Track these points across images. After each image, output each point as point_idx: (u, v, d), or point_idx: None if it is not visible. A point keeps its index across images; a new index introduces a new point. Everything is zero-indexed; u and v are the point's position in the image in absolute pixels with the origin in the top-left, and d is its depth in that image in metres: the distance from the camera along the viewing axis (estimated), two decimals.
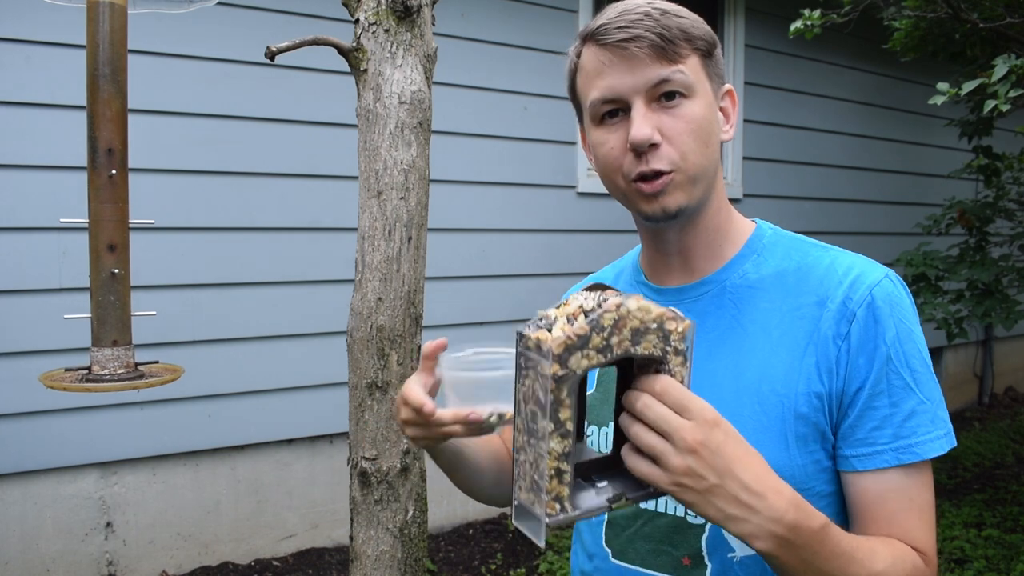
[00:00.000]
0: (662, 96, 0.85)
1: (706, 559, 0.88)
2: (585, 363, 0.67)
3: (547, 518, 0.68)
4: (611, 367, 0.73)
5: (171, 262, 2.97)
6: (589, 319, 0.67)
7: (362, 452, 1.50)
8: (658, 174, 0.85)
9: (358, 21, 1.47)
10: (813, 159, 4.89)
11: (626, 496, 0.72)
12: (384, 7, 1.45)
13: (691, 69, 0.86)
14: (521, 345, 0.70)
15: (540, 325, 0.70)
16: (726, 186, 4.51)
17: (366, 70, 1.47)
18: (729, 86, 0.94)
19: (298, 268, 3.23)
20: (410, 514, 1.52)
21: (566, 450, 0.68)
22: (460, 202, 3.57)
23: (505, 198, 3.73)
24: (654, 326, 0.69)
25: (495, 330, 3.54)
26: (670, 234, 0.93)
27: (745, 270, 0.93)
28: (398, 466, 1.50)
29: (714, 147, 0.88)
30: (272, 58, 1.41)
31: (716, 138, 0.89)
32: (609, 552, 0.98)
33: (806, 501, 0.74)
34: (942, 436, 0.84)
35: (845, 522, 0.87)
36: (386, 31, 1.46)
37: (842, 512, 0.87)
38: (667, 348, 0.70)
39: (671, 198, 0.86)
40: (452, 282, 3.50)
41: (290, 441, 3.28)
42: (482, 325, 3.63)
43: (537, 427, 0.69)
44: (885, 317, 0.83)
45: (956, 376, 5.84)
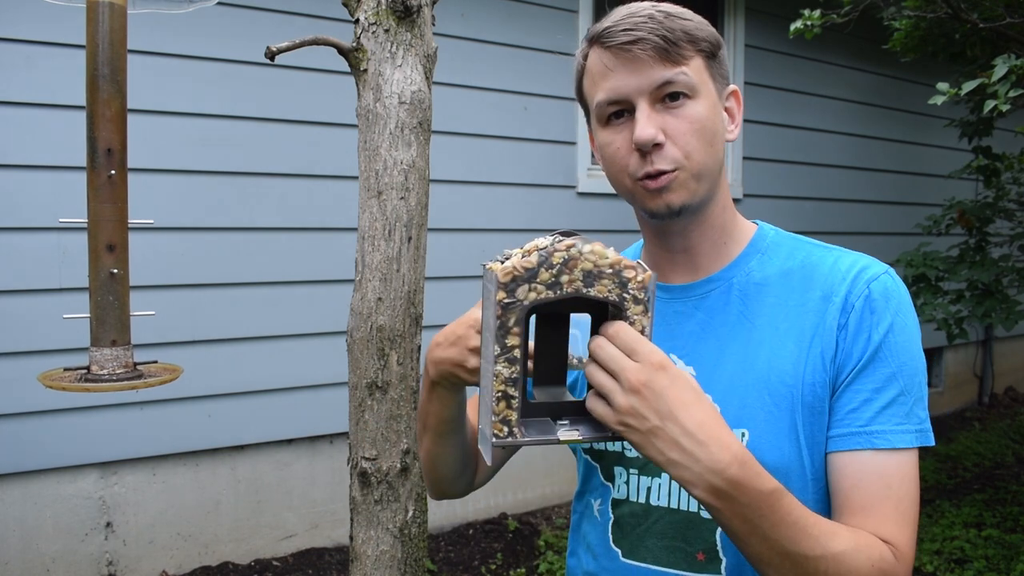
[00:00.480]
0: (666, 97, 0.86)
1: (720, 553, 0.89)
2: (533, 295, 0.72)
3: (494, 438, 0.74)
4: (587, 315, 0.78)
5: (171, 262, 2.97)
6: (539, 254, 0.71)
7: (362, 452, 1.50)
8: (661, 173, 0.87)
9: (358, 21, 1.47)
10: (813, 159, 4.89)
11: (582, 435, 0.76)
12: (384, 7, 1.45)
13: (694, 70, 0.87)
14: (483, 277, 0.76)
15: (499, 259, 0.74)
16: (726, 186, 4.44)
17: (366, 70, 1.47)
18: (734, 87, 0.95)
19: (298, 268, 3.22)
20: (410, 514, 1.52)
21: (513, 375, 0.73)
22: (460, 202, 3.56)
23: (505, 198, 3.73)
24: (609, 271, 0.73)
25: None
26: (675, 232, 0.94)
27: (750, 268, 0.94)
28: (398, 466, 1.50)
29: (718, 147, 0.90)
30: (272, 58, 1.41)
31: (720, 138, 0.90)
32: (619, 552, 0.98)
33: (757, 463, 0.74)
34: (913, 432, 0.84)
35: None
36: (386, 31, 1.46)
37: None
38: (624, 295, 0.74)
39: (675, 195, 0.88)
40: (452, 282, 3.50)
41: (290, 441, 3.28)
42: None
43: (488, 352, 0.74)
44: (881, 309, 0.86)
45: (956, 376, 5.84)
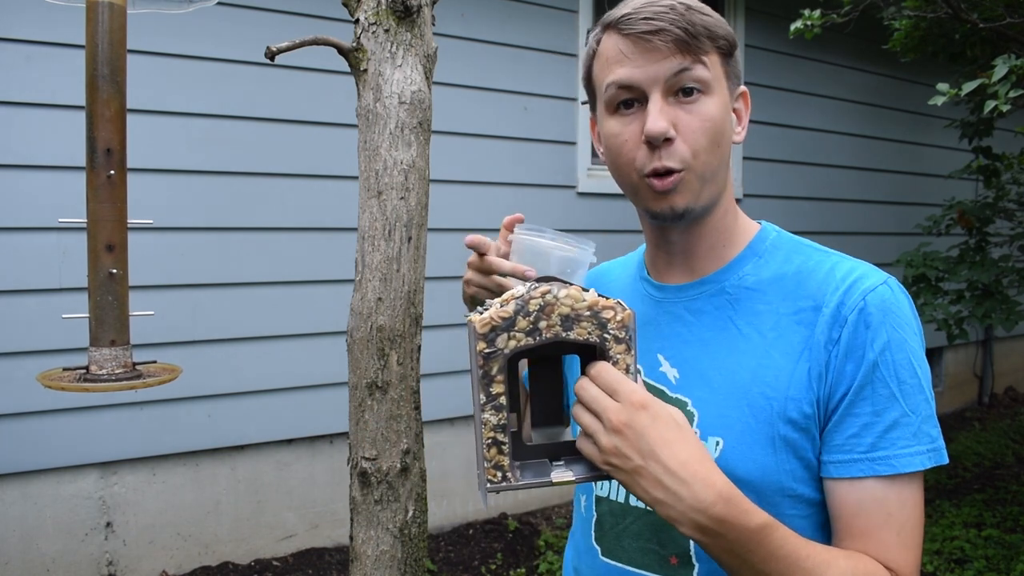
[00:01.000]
0: (680, 91, 0.84)
1: (694, 559, 0.88)
2: (512, 343, 0.73)
3: (488, 484, 0.75)
4: (574, 356, 0.80)
5: (170, 262, 2.96)
6: (516, 303, 0.73)
7: (362, 452, 1.50)
8: (669, 172, 0.85)
9: (358, 21, 1.47)
10: (813, 159, 4.88)
11: (575, 475, 0.77)
12: (384, 7, 1.45)
13: (711, 65, 0.85)
14: (467, 329, 0.77)
15: (480, 310, 0.76)
16: None
17: (366, 70, 1.47)
18: (744, 88, 0.94)
19: (298, 268, 3.22)
20: (410, 514, 1.52)
21: (501, 422, 0.74)
22: (460, 202, 3.56)
23: (505, 198, 3.72)
24: (587, 313, 0.74)
25: None
26: (674, 233, 0.93)
27: (744, 272, 0.92)
28: (398, 466, 1.50)
29: (725, 148, 0.88)
30: (272, 58, 1.41)
31: (728, 139, 0.88)
32: (599, 550, 0.98)
33: (745, 499, 0.73)
34: (924, 452, 0.80)
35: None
36: (386, 31, 1.46)
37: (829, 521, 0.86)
38: (605, 335, 0.75)
39: (680, 197, 0.86)
40: (452, 282, 3.49)
41: (290, 441, 3.28)
42: None
43: (476, 401, 0.75)
44: (877, 323, 0.81)
45: (956, 376, 5.84)
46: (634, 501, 0.93)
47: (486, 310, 0.74)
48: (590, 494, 1.00)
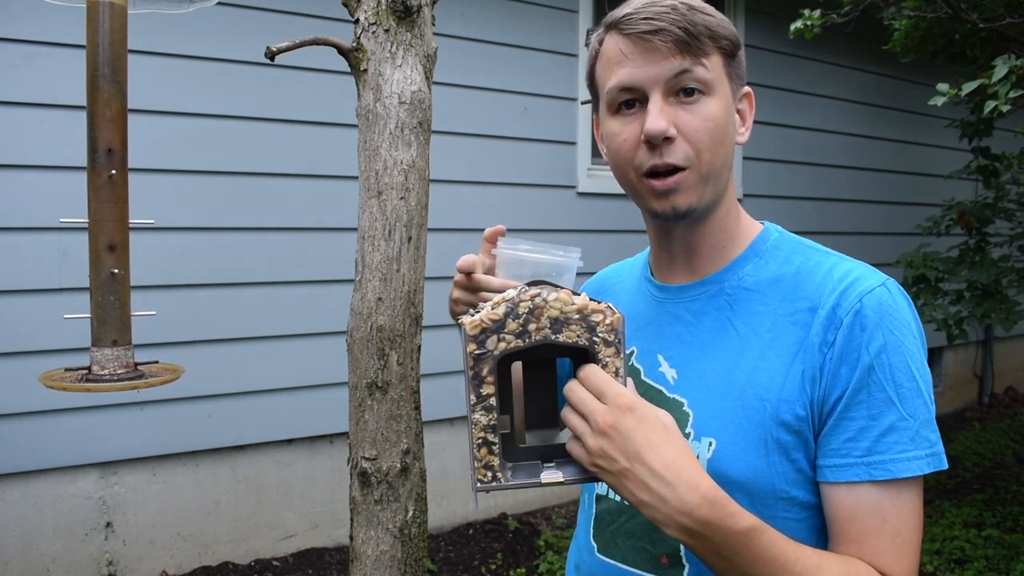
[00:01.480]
0: (681, 91, 0.84)
1: (684, 560, 0.88)
2: (503, 345, 0.74)
3: (478, 483, 0.76)
4: (566, 359, 0.81)
5: (171, 262, 2.97)
6: (506, 305, 0.74)
7: (362, 452, 1.50)
8: (671, 169, 0.84)
9: (358, 21, 1.47)
10: (813, 159, 4.88)
11: (565, 476, 0.78)
12: (384, 7, 1.45)
13: (712, 67, 0.85)
14: (459, 331, 0.78)
15: (472, 313, 0.77)
16: None
17: (366, 70, 1.47)
18: (748, 89, 0.93)
19: (298, 268, 3.22)
20: (410, 514, 1.52)
21: (491, 423, 0.76)
22: (460, 202, 3.56)
23: (505, 198, 3.72)
24: (576, 316, 0.75)
25: None
26: (677, 233, 0.93)
27: (744, 273, 0.92)
28: (398, 466, 1.50)
29: (728, 148, 0.87)
30: (272, 58, 1.41)
31: (731, 139, 0.88)
32: (595, 546, 0.98)
33: (732, 501, 0.73)
34: (923, 456, 0.79)
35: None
36: (386, 31, 1.46)
37: (825, 525, 0.85)
38: (594, 339, 0.76)
39: (682, 197, 0.85)
40: (452, 282, 3.49)
41: (290, 441, 3.28)
42: None
43: (467, 402, 0.76)
44: (873, 326, 0.80)
45: (956, 376, 5.84)
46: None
47: (477, 312, 0.75)
48: (592, 491, 1.01)
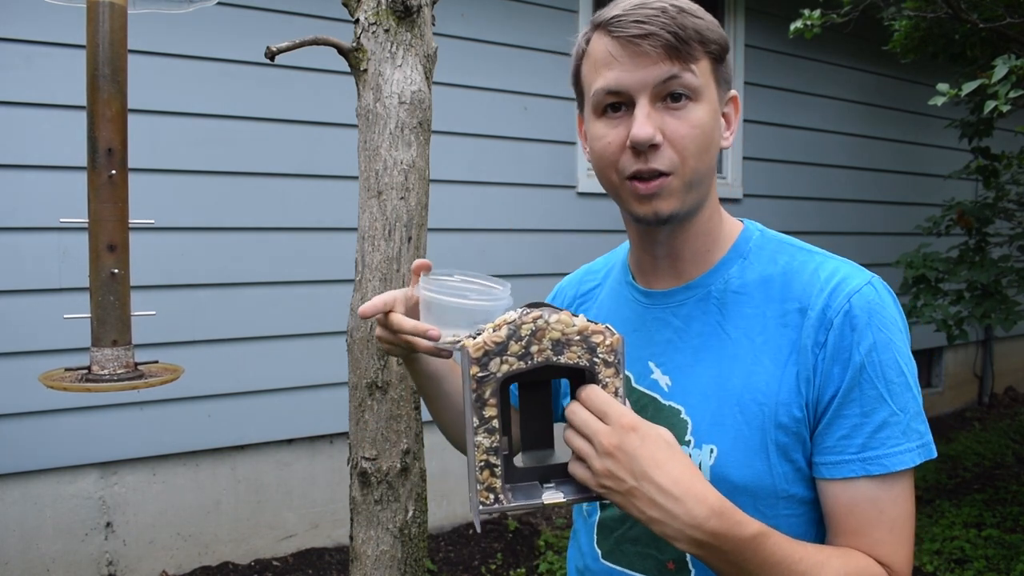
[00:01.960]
0: (668, 96, 0.83)
1: (689, 564, 0.89)
2: (505, 367, 0.75)
3: (480, 506, 0.77)
4: (563, 380, 0.81)
5: (171, 262, 2.97)
6: (508, 328, 0.75)
7: (362, 452, 1.50)
8: (655, 174, 0.83)
9: (358, 21, 1.47)
10: (813, 159, 4.88)
11: (566, 497, 0.79)
12: (384, 7, 1.45)
13: (701, 72, 0.84)
14: (460, 354, 0.78)
15: (473, 335, 0.77)
16: (725, 187, 4.47)
17: (366, 70, 1.47)
18: (734, 92, 0.92)
19: (298, 268, 3.22)
20: (410, 514, 1.52)
21: (494, 444, 0.76)
22: (460, 202, 3.56)
23: (505, 198, 3.73)
24: (577, 338, 0.76)
25: None
26: (660, 236, 0.92)
27: (730, 275, 0.92)
28: (398, 466, 1.50)
29: (713, 154, 0.87)
30: (272, 58, 1.41)
31: (716, 145, 0.87)
32: (599, 553, 0.98)
33: (737, 510, 0.75)
34: (915, 448, 0.81)
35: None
36: (386, 31, 1.46)
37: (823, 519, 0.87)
38: (595, 359, 0.77)
39: (665, 202, 0.85)
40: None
41: (290, 441, 3.28)
42: None
43: (469, 424, 0.77)
44: (862, 325, 0.81)
45: (956, 376, 5.84)
46: None
47: (479, 335, 0.76)
48: None
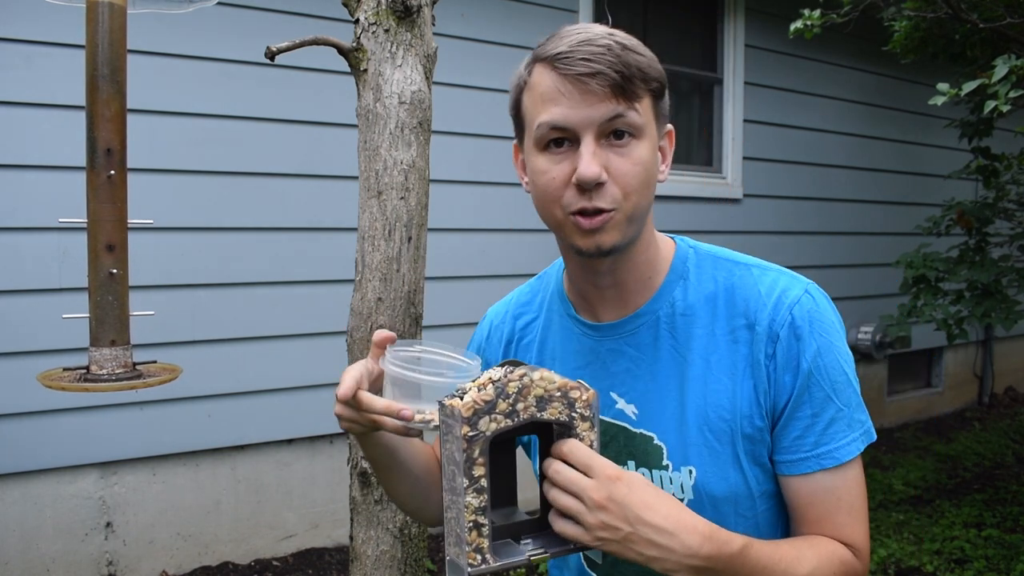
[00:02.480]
0: (612, 134, 0.84)
1: None
2: (494, 425, 0.76)
3: (469, 568, 0.77)
4: (534, 436, 0.82)
5: (170, 262, 2.97)
6: (495, 386, 0.76)
7: (362, 452, 1.50)
8: (599, 211, 0.85)
9: (358, 21, 1.47)
10: (813, 159, 4.88)
11: (548, 550, 0.80)
12: (384, 7, 1.45)
13: (643, 110, 0.85)
14: (441, 413, 0.79)
15: (456, 395, 0.78)
16: (725, 187, 4.48)
17: (366, 70, 1.47)
18: (670, 127, 0.94)
19: (298, 268, 3.22)
20: None
21: (482, 504, 0.77)
22: (460, 202, 3.56)
23: (505, 198, 3.72)
24: (558, 394, 0.78)
25: None
26: (603, 267, 0.93)
27: (675, 298, 0.94)
28: None
29: (653, 188, 0.89)
30: (272, 58, 1.41)
31: (655, 179, 0.90)
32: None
33: (721, 530, 0.80)
34: (859, 436, 0.89)
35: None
36: (386, 31, 1.46)
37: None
38: (573, 414, 0.79)
39: (607, 236, 0.86)
40: (452, 282, 3.50)
41: (290, 441, 3.28)
42: None
43: (456, 484, 0.77)
44: (806, 334, 0.88)
45: (956, 376, 5.84)
46: None
47: (465, 394, 0.77)
48: None
